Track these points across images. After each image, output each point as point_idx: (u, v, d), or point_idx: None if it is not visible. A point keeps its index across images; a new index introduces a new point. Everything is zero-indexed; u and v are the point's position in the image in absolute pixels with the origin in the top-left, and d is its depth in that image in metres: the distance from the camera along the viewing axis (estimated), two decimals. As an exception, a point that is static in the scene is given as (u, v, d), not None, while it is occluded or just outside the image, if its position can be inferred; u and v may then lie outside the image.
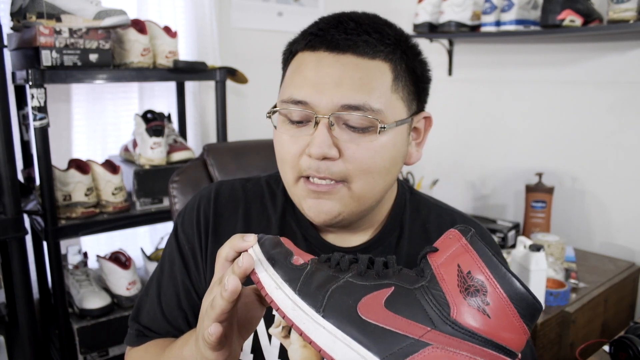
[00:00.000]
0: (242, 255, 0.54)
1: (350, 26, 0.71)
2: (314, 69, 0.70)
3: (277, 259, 0.53)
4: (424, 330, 0.45)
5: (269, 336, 0.78)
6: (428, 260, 0.48)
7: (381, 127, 0.69)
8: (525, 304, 0.45)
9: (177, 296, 0.83)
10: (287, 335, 0.59)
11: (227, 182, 0.89)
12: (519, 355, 0.47)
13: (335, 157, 0.68)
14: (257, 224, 0.83)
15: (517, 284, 0.45)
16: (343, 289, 0.49)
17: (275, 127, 0.75)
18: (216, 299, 0.53)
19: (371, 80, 0.69)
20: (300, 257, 0.53)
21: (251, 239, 0.56)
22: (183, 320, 0.82)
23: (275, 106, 0.74)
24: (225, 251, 0.57)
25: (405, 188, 0.87)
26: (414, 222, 0.84)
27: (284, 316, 0.50)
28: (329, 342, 0.47)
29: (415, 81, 0.75)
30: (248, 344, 0.78)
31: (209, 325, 0.54)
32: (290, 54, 0.76)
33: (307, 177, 0.71)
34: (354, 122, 0.69)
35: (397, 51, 0.72)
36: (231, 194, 0.86)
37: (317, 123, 0.69)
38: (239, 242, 0.56)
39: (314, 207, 0.72)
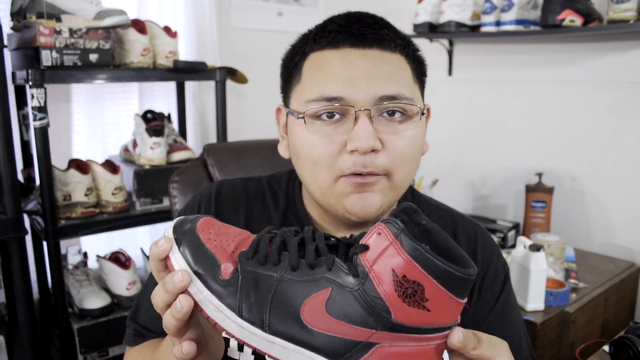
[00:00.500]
0: (173, 275, 0.50)
1: (370, 21, 0.73)
2: (341, 65, 0.70)
3: (205, 276, 0.50)
4: (369, 333, 0.46)
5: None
6: (360, 259, 0.47)
7: (421, 114, 0.72)
8: (462, 283, 0.46)
9: None
10: None
11: (228, 182, 0.88)
12: (458, 321, 0.49)
13: (379, 149, 0.69)
14: (259, 224, 0.83)
15: (450, 269, 0.45)
16: (281, 296, 0.48)
17: (297, 129, 0.73)
18: (169, 320, 0.51)
19: (398, 71, 0.72)
20: (228, 264, 0.50)
21: (162, 242, 0.51)
22: None
23: (294, 110, 0.73)
24: (152, 265, 0.53)
25: (406, 189, 0.87)
26: None
27: (232, 336, 0.49)
28: (284, 354, 0.48)
29: (421, 75, 0.78)
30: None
31: (175, 339, 0.52)
32: (302, 55, 0.75)
33: (348, 175, 0.70)
34: (389, 112, 0.70)
35: (409, 45, 0.75)
36: (232, 193, 0.85)
37: (356, 118, 0.69)
38: (154, 250, 0.51)
39: (358, 202, 0.71)
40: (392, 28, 0.74)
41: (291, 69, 0.77)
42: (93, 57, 1.51)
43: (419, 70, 0.77)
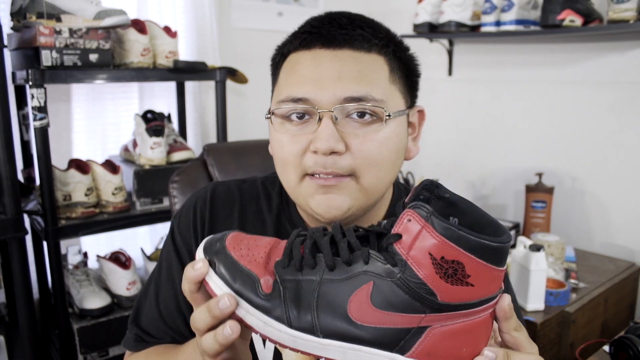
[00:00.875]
0: (219, 301, 0.49)
1: (344, 22, 0.72)
2: (310, 66, 0.70)
3: (246, 293, 0.50)
4: (419, 318, 0.47)
5: (264, 340, 0.77)
6: (396, 248, 0.47)
7: (387, 116, 0.69)
8: (499, 253, 0.46)
9: (176, 298, 0.82)
10: None
11: (223, 183, 0.88)
12: (502, 287, 0.50)
13: (342, 151, 0.68)
14: (252, 226, 0.83)
15: (485, 241, 0.45)
16: (325, 298, 0.48)
17: (272, 129, 0.74)
18: (211, 344, 0.50)
19: (370, 72, 0.70)
20: (266, 277, 0.50)
21: (200, 265, 0.51)
22: (182, 322, 0.81)
23: (269, 110, 0.74)
24: (187, 287, 0.52)
25: (401, 189, 0.86)
26: None
27: (286, 347, 0.50)
28: (340, 354, 0.49)
29: (407, 75, 0.76)
30: None
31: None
32: (281, 56, 0.76)
33: (312, 175, 0.70)
34: (359, 114, 0.69)
35: (390, 44, 0.73)
36: (227, 195, 0.85)
37: (320, 119, 0.68)
38: (191, 273, 0.51)
39: (323, 202, 0.70)
40: (371, 27, 0.73)
41: (274, 69, 0.78)
42: (93, 57, 1.51)
43: (404, 70, 0.75)
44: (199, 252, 0.52)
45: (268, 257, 0.52)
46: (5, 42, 1.43)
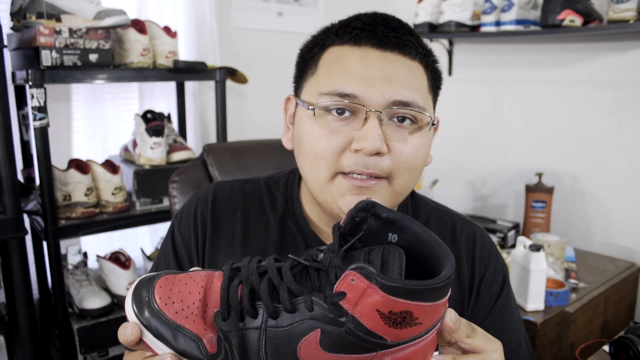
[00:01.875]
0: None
1: (395, 25, 0.72)
2: (360, 62, 0.70)
3: (192, 352, 0.47)
4: (370, 357, 0.47)
5: None
6: (342, 306, 0.45)
7: (432, 124, 0.72)
8: (444, 288, 0.46)
9: None
10: None
11: (225, 183, 0.87)
12: (447, 305, 0.50)
13: (385, 153, 0.68)
14: (256, 227, 0.82)
15: (432, 285, 0.45)
16: (273, 344, 0.47)
17: (306, 121, 0.72)
18: None
19: (416, 79, 0.71)
20: (208, 334, 0.48)
21: (130, 332, 0.47)
22: None
23: (304, 101, 0.72)
24: (124, 344, 0.49)
25: (406, 197, 0.87)
26: None
27: None
28: None
29: (437, 87, 0.78)
30: None
31: None
32: (321, 47, 0.74)
33: (345, 174, 0.70)
34: (400, 118, 0.70)
35: (430, 55, 0.75)
36: (229, 195, 0.84)
37: (366, 118, 0.68)
38: (124, 338, 0.48)
39: (354, 203, 0.70)
40: (416, 36, 0.74)
41: (308, 59, 0.76)
42: (93, 57, 1.51)
43: (435, 82, 0.77)
44: (129, 308, 0.49)
45: (204, 306, 0.49)
46: (5, 42, 1.43)
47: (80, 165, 1.61)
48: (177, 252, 0.82)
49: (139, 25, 1.62)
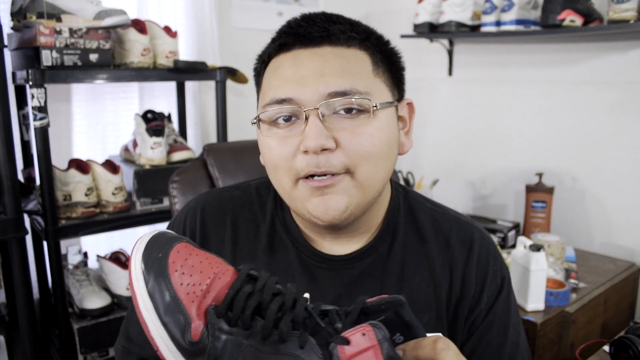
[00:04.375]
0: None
1: (320, 19, 0.72)
2: (291, 66, 0.70)
3: (173, 329, 0.47)
4: None
5: None
6: (338, 350, 0.45)
7: (373, 107, 0.68)
8: None
9: None
10: None
11: (215, 192, 0.87)
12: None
13: (332, 148, 0.67)
14: (246, 234, 0.81)
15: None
16: None
17: (260, 136, 0.73)
18: None
19: (352, 66, 0.69)
20: (198, 322, 0.47)
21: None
22: None
23: (256, 116, 0.73)
24: None
25: (399, 190, 0.84)
26: (408, 226, 0.81)
27: None
28: None
29: (391, 68, 0.75)
30: None
31: None
32: (262, 64, 0.76)
33: (305, 178, 0.69)
34: (345, 109, 0.68)
35: (370, 38, 0.73)
36: (218, 204, 0.84)
37: (307, 117, 0.67)
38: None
39: (320, 205, 0.69)
40: (349, 23, 0.73)
41: (257, 78, 0.78)
42: (93, 57, 1.51)
43: (387, 64, 0.74)
44: (137, 255, 0.48)
45: (207, 291, 0.48)
46: (6, 42, 1.43)
47: (81, 165, 1.61)
48: None
49: (139, 25, 1.62)
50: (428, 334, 0.49)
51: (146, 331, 0.48)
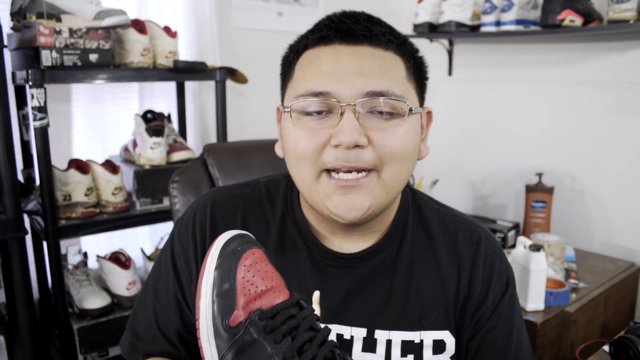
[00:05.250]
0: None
1: (363, 18, 0.72)
2: (330, 60, 0.70)
3: (218, 308, 0.54)
4: None
5: None
6: None
7: (409, 110, 0.70)
8: None
9: (171, 308, 0.81)
10: None
11: (225, 189, 0.87)
12: None
13: (365, 145, 0.68)
14: (256, 231, 0.81)
15: None
16: None
17: (287, 125, 0.73)
18: None
19: (389, 68, 0.71)
20: (240, 312, 0.53)
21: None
22: (175, 332, 0.81)
23: (282, 105, 0.73)
24: None
25: (407, 191, 0.86)
26: (417, 226, 0.83)
27: None
28: None
29: (419, 76, 0.77)
30: None
31: None
32: (295, 54, 0.75)
33: (329, 172, 0.70)
34: (382, 108, 0.69)
35: (406, 44, 0.74)
36: (228, 200, 0.84)
37: (342, 113, 0.68)
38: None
39: (342, 204, 0.70)
40: (388, 26, 0.74)
41: (287, 67, 0.78)
42: (93, 57, 1.51)
43: (416, 71, 0.75)
44: (219, 242, 0.57)
45: (259, 295, 0.55)
46: (5, 42, 1.43)
47: (81, 165, 1.61)
48: (175, 261, 0.82)
49: (139, 25, 1.62)
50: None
51: (197, 301, 0.56)
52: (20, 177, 1.63)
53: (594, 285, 1.62)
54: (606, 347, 1.14)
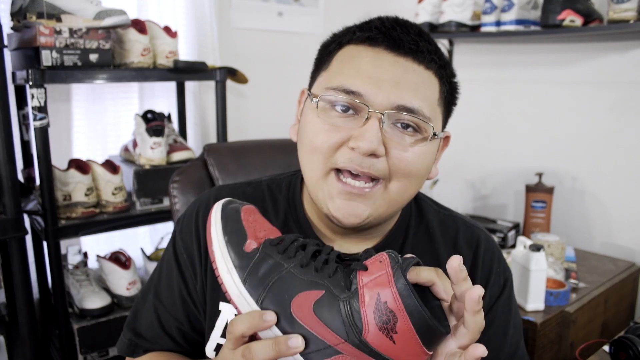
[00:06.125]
0: (289, 340, 0.54)
1: (414, 31, 0.72)
2: (371, 63, 0.70)
3: (230, 242, 0.59)
4: (338, 340, 0.52)
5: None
6: (357, 275, 0.53)
7: (433, 134, 0.70)
8: (430, 334, 0.51)
9: (174, 306, 0.81)
10: None
11: (227, 187, 0.87)
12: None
13: (381, 155, 0.68)
14: None
15: (425, 314, 0.50)
16: (283, 282, 0.56)
17: (309, 113, 0.73)
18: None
19: (425, 88, 0.70)
20: (253, 241, 0.59)
21: (270, 317, 0.55)
22: (177, 330, 0.81)
23: (309, 91, 0.72)
24: (241, 329, 0.55)
25: (411, 203, 0.86)
26: (418, 228, 0.83)
27: (230, 299, 0.57)
28: None
29: (450, 102, 0.76)
30: (213, 346, 0.77)
31: None
32: (337, 45, 0.75)
33: (338, 172, 0.70)
34: (403, 125, 0.69)
35: (447, 68, 0.74)
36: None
37: (368, 118, 0.68)
38: (259, 322, 0.55)
39: (343, 208, 0.70)
40: (435, 45, 0.73)
41: (325, 55, 0.77)
42: (93, 57, 1.51)
43: (448, 96, 0.75)
44: (217, 207, 0.62)
45: (265, 234, 0.61)
46: (5, 42, 1.43)
47: (81, 165, 1.61)
48: (178, 258, 0.82)
49: (139, 25, 1.62)
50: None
51: (209, 245, 0.60)
52: (20, 177, 1.63)
53: (594, 285, 1.62)
54: (606, 347, 1.14)
